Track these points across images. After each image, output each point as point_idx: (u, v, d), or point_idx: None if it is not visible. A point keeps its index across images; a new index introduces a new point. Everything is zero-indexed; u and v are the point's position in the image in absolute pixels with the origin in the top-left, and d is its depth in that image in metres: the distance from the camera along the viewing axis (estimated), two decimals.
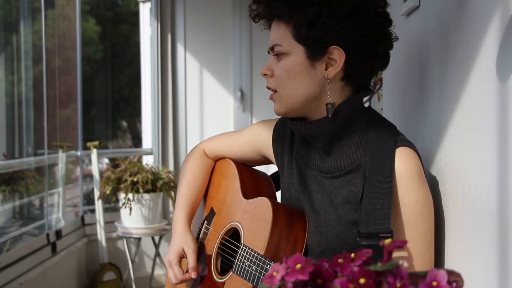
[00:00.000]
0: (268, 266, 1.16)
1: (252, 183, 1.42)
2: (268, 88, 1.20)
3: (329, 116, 1.13)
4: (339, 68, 1.12)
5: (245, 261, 1.23)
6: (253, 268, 1.20)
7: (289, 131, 1.32)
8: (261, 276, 1.18)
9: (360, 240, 1.05)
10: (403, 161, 1.09)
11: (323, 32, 1.10)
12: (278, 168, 1.35)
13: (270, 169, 1.50)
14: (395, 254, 1.09)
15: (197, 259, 1.37)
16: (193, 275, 1.33)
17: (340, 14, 1.09)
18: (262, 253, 1.18)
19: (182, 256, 1.37)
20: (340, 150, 1.17)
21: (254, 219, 1.27)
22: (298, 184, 1.26)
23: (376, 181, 1.08)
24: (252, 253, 1.22)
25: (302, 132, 1.19)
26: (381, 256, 1.07)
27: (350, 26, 1.10)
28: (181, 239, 1.39)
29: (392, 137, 1.13)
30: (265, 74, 1.19)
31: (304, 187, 1.24)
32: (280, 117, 1.36)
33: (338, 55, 1.11)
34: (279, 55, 1.16)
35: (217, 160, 1.53)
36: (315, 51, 1.12)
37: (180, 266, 1.37)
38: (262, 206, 1.25)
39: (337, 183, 1.17)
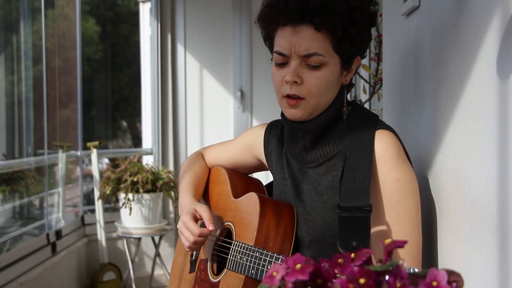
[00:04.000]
0: (257, 253, 1.19)
1: (242, 185, 1.45)
2: (293, 95, 1.16)
3: (344, 118, 1.20)
4: (353, 74, 1.22)
5: (237, 254, 1.26)
6: (244, 259, 1.23)
7: (279, 131, 1.37)
8: (251, 265, 1.20)
9: (340, 212, 1.08)
10: (382, 142, 1.14)
11: (359, 45, 1.18)
12: (269, 167, 1.39)
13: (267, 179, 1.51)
14: (381, 234, 1.12)
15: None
16: (210, 226, 1.30)
17: (371, 28, 1.20)
18: (252, 244, 1.21)
19: (195, 216, 1.34)
20: (323, 141, 1.22)
21: (243, 215, 1.30)
22: (287, 177, 1.29)
23: (356, 161, 1.12)
24: (243, 245, 1.25)
25: (300, 129, 1.22)
26: (361, 228, 1.09)
27: (370, 37, 1.22)
28: (191, 204, 1.38)
29: (372, 123, 1.18)
30: (295, 82, 1.15)
31: (292, 179, 1.28)
32: (270, 121, 1.42)
33: (356, 63, 1.21)
34: (315, 66, 1.14)
35: (211, 168, 1.55)
36: (349, 63, 1.19)
37: (196, 222, 1.33)
38: (250, 201, 1.28)
39: (320, 170, 1.22)
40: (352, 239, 1.06)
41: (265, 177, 1.54)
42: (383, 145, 1.13)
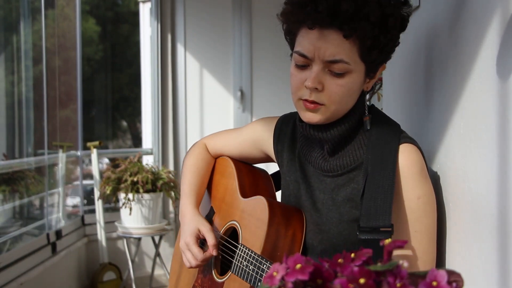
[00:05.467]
0: (265, 266, 1.16)
1: (250, 181, 1.42)
2: (313, 102, 1.10)
3: (368, 128, 1.15)
4: (376, 80, 1.17)
5: (243, 261, 1.23)
6: (250, 268, 1.20)
7: (291, 129, 1.31)
8: (258, 276, 1.17)
9: (359, 234, 1.04)
10: (406, 157, 1.09)
11: (387, 53, 1.13)
12: (279, 166, 1.35)
13: (270, 168, 1.50)
14: (399, 252, 1.09)
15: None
16: (214, 252, 1.30)
17: (401, 33, 1.13)
18: (259, 253, 1.18)
19: (198, 237, 1.34)
20: (343, 150, 1.17)
21: (251, 219, 1.27)
22: (300, 182, 1.25)
23: (378, 177, 1.07)
24: (249, 253, 1.22)
25: (320, 138, 1.17)
26: (381, 251, 1.08)
27: (398, 41, 1.15)
28: (194, 221, 1.37)
29: (396, 135, 1.13)
30: (315, 88, 1.09)
31: (307, 185, 1.23)
32: (281, 115, 1.36)
33: (380, 70, 1.16)
34: (338, 74, 1.07)
35: (216, 157, 1.52)
36: (374, 71, 1.14)
37: (199, 246, 1.33)
38: (258, 206, 1.25)
39: (339, 181, 1.17)
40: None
41: (266, 168, 1.52)
42: (407, 161, 1.09)
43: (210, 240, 1.31)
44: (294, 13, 1.10)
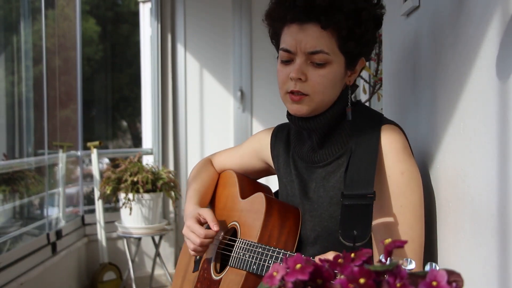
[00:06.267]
0: (260, 249, 1.20)
1: (251, 187, 1.46)
2: (297, 92, 1.17)
3: (350, 119, 1.21)
4: (357, 75, 1.23)
5: (240, 251, 1.27)
6: (246, 255, 1.24)
7: (285, 135, 1.38)
8: (253, 260, 1.21)
9: (343, 200, 1.09)
10: (388, 136, 1.15)
11: (364, 46, 1.19)
12: (276, 171, 1.40)
13: (271, 184, 1.53)
14: (385, 225, 1.12)
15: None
16: (215, 227, 1.31)
17: (376, 30, 1.21)
18: (255, 241, 1.22)
19: (199, 220, 1.36)
20: (330, 141, 1.23)
21: (249, 214, 1.31)
22: (294, 179, 1.30)
23: (361, 154, 1.14)
24: (247, 242, 1.26)
25: (305, 127, 1.23)
26: (363, 216, 1.10)
27: (376, 39, 1.23)
28: (194, 210, 1.39)
29: (378, 120, 1.20)
30: (299, 79, 1.16)
31: (300, 179, 1.28)
32: (276, 125, 1.44)
33: (360, 65, 1.23)
34: (320, 64, 1.15)
35: (221, 172, 1.57)
36: (353, 62, 1.20)
37: (201, 225, 1.35)
38: (257, 200, 1.30)
39: (329, 169, 1.23)
40: (354, 228, 1.06)
41: (271, 182, 1.55)
42: (389, 139, 1.15)
43: (209, 217, 1.33)
44: (275, 10, 1.20)
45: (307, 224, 1.25)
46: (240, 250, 1.27)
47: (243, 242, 1.27)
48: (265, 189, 1.50)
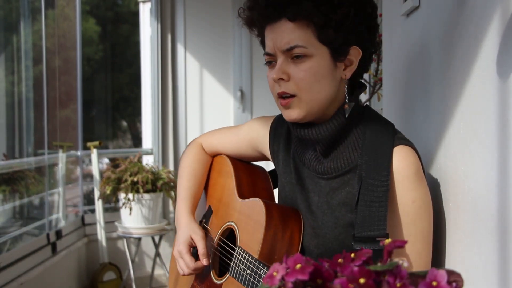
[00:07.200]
0: (262, 271, 1.15)
1: (248, 180, 1.41)
2: (284, 93, 1.12)
3: (346, 116, 1.13)
4: (355, 68, 1.14)
5: (240, 264, 1.23)
6: (247, 272, 1.20)
7: (286, 130, 1.31)
8: (255, 282, 1.17)
9: (354, 245, 1.03)
10: (401, 160, 1.08)
11: (348, 33, 1.10)
12: (275, 166, 1.35)
13: (269, 165, 1.50)
14: (393, 254, 1.08)
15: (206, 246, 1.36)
16: (204, 261, 1.31)
17: (363, 14, 1.11)
18: (256, 256, 1.17)
19: (191, 245, 1.35)
20: (337, 151, 1.16)
21: (248, 221, 1.27)
22: (295, 184, 1.25)
23: (372, 184, 1.06)
24: (247, 256, 1.21)
25: (310, 138, 1.16)
26: (377, 260, 1.07)
27: (369, 25, 1.14)
28: (187, 228, 1.38)
29: (390, 136, 1.11)
30: (281, 79, 1.11)
31: (301, 187, 1.23)
32: (276, 114, 1.35)
33: (355, 55, 1.13)
34: (299, 57, 1.09)
35: (214, 156, 1.52)
36: (340, 53, 1.11)
37: (191, 255, 1.35)
38: (255, 208, 1.24)
39: (333, 184, 1.16)
40: None
41: (265, 166, 1.52)
42: (401, 164, 1.07)
43: (201, 249, 1.33)
44: (248, 18, 1.17)
45: (311, 239, 1.19)
46: (240, 262, 1.23)
47: (242, 254, 1.23)
48: (261, 174, 1.45)
